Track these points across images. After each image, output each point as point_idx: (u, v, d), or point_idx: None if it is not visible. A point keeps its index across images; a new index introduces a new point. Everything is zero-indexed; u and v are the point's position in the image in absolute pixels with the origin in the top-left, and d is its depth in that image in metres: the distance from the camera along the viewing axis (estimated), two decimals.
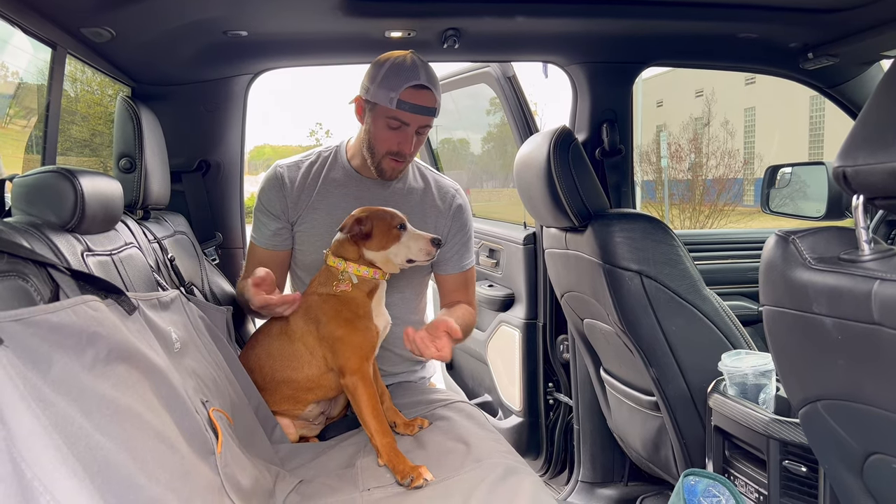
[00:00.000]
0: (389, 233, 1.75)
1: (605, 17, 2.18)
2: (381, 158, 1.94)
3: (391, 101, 1.85)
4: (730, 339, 1.93)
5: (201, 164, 2.54)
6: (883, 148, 1.00)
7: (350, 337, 1.70)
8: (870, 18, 2.08)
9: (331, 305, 1.73)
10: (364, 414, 1.64)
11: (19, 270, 1.03)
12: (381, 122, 1.90)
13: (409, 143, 1.91)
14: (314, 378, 1.74)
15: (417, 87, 1.85)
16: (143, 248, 1.75)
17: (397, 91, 1.84)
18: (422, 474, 1.49)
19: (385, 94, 1.85)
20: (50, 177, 1.37)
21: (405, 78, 1.85)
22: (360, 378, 1.67)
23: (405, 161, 1.96)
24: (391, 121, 1.88)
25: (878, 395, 1.06)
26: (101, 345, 0.99)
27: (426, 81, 1.87)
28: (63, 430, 0.83)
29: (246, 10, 1.97)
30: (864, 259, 1.05)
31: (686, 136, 16.25)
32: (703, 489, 1.70)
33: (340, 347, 1.70)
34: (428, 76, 1.88)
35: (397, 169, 1.97)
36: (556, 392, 2.88)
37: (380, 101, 1.87)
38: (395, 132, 1.90)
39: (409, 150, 1.92)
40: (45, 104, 1.87)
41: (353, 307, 1.72)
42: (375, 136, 1.93)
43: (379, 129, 1.91)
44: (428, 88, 1.87)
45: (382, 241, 1.74)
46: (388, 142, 1.91)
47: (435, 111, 1.91)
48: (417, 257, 1.77)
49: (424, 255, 1.77)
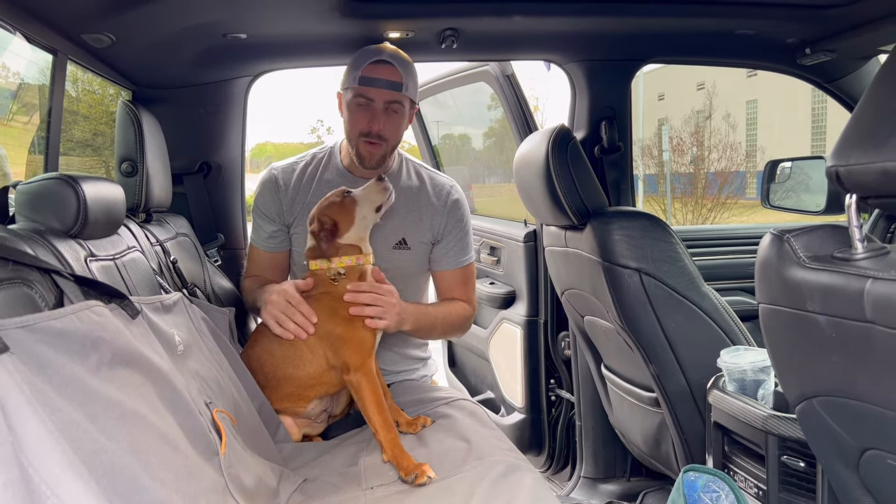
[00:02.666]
0: (343, 206, 1.78)
1: (603, 15, 2.18)
2: (357, 143, 1.98)
3: (355, 80, 1.93)
4: (729, 335, 1.94)
5: (202, 166, 2.55)
6: (875, 147, 1.01)
7: (350, 334, 1.71)
8: (866, 14, 2.08)
9: (326, 304, 1.74)
10: (368, 410, 1.65)
11: (24, 277, 1.05)
12: (351, 104, 1.96)
13: (378, 121, 1.94)
14: (316, 375, 1.75)
15: (378, 62, 1.93)
16: (146, 252, 1.76)
17: (359, 69, 1.93)
18: (425, 472, 1.51)
19: (350, 75, 1.95)
20: (52, 184, 1.38)
21: (367, 56, 1.94)
22: (363, 374, 1.68)
23: (381, 144, 1.97)
24: (359, 99, 1.94)
25: (871, 392, 1.08)
26: (105, 349, 1.01)
27: (388, 57, 1.94)
28: (69, 434, 0.84)
29: (245, 14, 1.98)
30: (857, 257, 1.06)
31: (688, 130, 16.23)
32: (703, 484, 1.71)
33: (341, 345, 1.71)
34: (392, 55, 1.96)
35: (374, 153, 1.98)
36: (558, 389, 2.89)
37: (348, 84, 1.96)
38: (363, 111, 1.95)
39: (380, 128, 1.94)
40: (46, 109, 1.88)
41: (349, 303, 1.73)
42: (348, 119, 1.98)
43: (350, 111, 1.97)
44: (390, 64, 1.94)
45: (347, 220, 1.77)
46: (358, 122, 1.95)
47: (401, 86, 1.95)
48: (379, 200, 1.79)
49: (380, 192, 1.79)
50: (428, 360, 2.23)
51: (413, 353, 2.16)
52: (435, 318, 1.98)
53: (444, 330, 2.04)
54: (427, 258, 2.10)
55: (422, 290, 2.17)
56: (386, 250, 1.99)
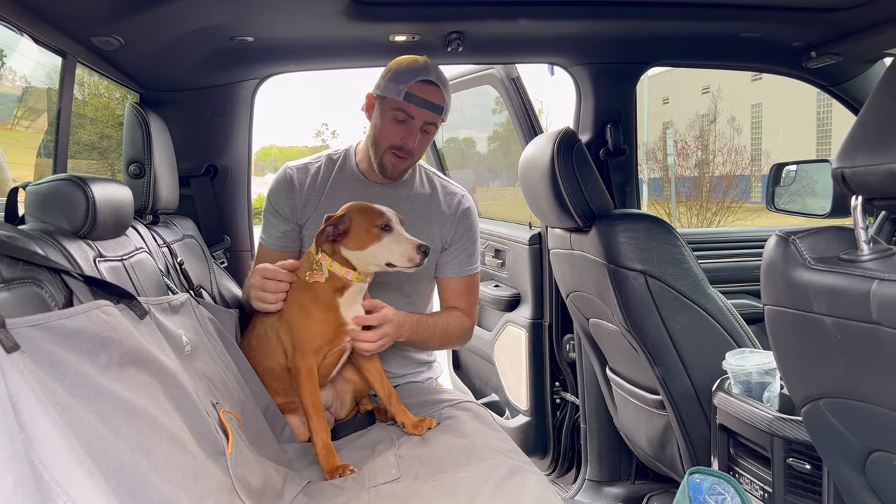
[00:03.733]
0: (369, 232, 1.68)
1: (608, 18, 2.19)
2: (384, 153, 1.97)
3: (399, 94, 1.90)
4: (734, 337, 1.94)
5: (209, 168, 2.56)
6: (881, 149, 1.01)
7: (305, 324, 1.70)
8: (872, 17, 2.08)
9: (296, 286, 1.74)
10: (304, 403, 1.69)
11: (34, 277, 1.06)
12: (388, 114, 1.94)
13: (413, 138, 1.94)
14: (285, 364, 1.76)
15: (426, 82, 1.91)
16: (153, 253, 1.77)
17: (406, 84, 1.90)
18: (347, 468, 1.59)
19: (394, 87, 1.91)
20: (62, 185, 1.39)
21: (415, 73, 1.91)
22: (303, 366, 1.68)
23: (408, 159, 1.98)
24: (398, 113, 1.93)
25: (877, 393, 1.08)
26: (114, 349, 1.02)
27: (436, 79, 1.93)
28: (79, 432, 0.85)
29: (252, 17, 1.99)
30: (862, 259, 1.06)
31: (692, 133, 16.23)
32: (709, 487, 1.71)
33: (294, 331, 1.71)
34: (438, 76, 1.94)
35: (399, 166, 1.99)
36: (563, 391, 2.89)
37: (388, 94, 1.93)
38: (400, 125, 1.93)
39: (413, 146, 1.95)
40: (55, 112, 1.90)
41: (315, 296, 1.71)
42: (381, 129, 1.96)
43: (385, 121, 1.95)
44: (437, 85, 1.93)
45: (359, 239, 1.68)
46: (392, 135, 1.94)
47: (442, 109, 1.95)
48: (398, 262, 1.67)
49: (406, 261, 1.67)
50: (433, 362, 2.24)
51: (418, 356, 2.17)
52: (434, 328, 1.97)
53: (442, 341, 2.04)
54: (434, 265, 2.10)
55: (428, 297, 2.17)
56: None
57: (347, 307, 1.73)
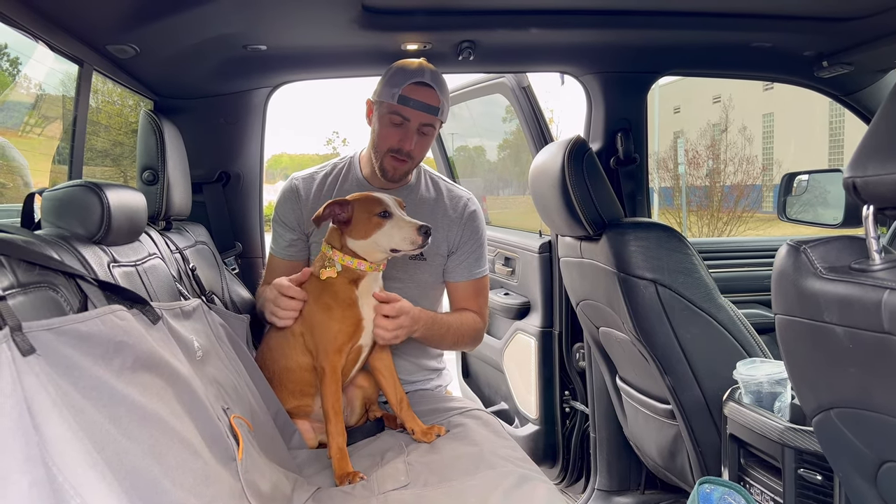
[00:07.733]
0: (370, 220, 1.70)
1: (619, 27, 2.19)
2: (384, 156, 1.99)
3: (393, 97, 1.93)
4: (745, 347, 1.93)
5: (221, 175, 2.58)
6: (893, 158, 1.01)
7: (327, 323, 1.72)
8: (884, 27, 2.08)
9: (315, 286, 1.76)
10: (325, 404, 1.69)
11: (50, 281, 1.07)
12: (384, 118, 1.97)
13: (410, 140, 1.96)
14: (305, 364, 1.77)
15: (420, 83, 1.93)
16: (166, 259, 1.79)
17: (400, 87, 1.93)
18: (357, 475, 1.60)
19: (389, 91, 1.95)
20: (78, 191, 1.41)
21: (409, 76, 1.94)
22: (328, 365, 1.70)
23: (407, 161, 1.99)
24: (393, 116, 1.95)
25: (889, 403, 1.07)
26: (127, 353, 1.03)
27: (429, 80, 1.94)
28: (92, 435, 0.86)
29: (265, 25, 2.01)
30: (874, 268, 1.06)
31: (703, 143, 16.16)
32: (719, 497, 1.70)
33: (317, 332, 1.73)
34: (433, 77, 1.96)
35: (399, 169, 2.01)
36: (573, 400, 2.89)
37: (383, 98, 1.96)
38: (396, 129, 1.96)
39: (410, 148, 1.97)
40: (70, 119, 1.92)
41: (334, 292, 1.73)
42: (379, 133, 1.99)
43: (382, 125, 1.98)
44: (430, 87, 1.95)
45: (362, 228, 1.71)
46: (390, 138, 1.97)
47: (438, 110, 1.96)
48: (402, 246, 1.70)
49: (409, 243, 1.70)
50: (443, 370, 2.24)
51: (428, 364, 2.17)
52: (448, 326, 1.98)
53: (455, 340, 2.04)
54: (442, 269, 2.11)
55: (437, 301, 2.18)
56: (402, 261, 2.00)
57: (365, 300, 1.75)
